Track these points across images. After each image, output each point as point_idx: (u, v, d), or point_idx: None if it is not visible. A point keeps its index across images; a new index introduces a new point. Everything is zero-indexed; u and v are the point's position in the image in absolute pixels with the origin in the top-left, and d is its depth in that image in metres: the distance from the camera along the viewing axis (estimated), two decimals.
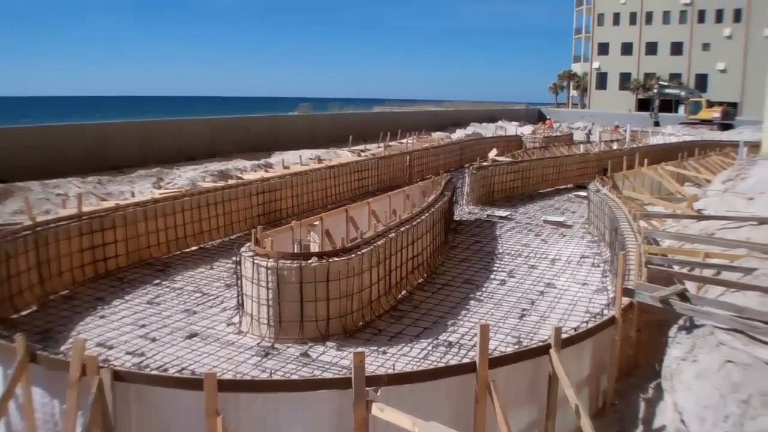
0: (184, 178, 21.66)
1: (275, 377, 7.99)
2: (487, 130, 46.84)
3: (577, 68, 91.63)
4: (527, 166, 24.09)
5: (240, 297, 10.15)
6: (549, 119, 59.09)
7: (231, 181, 17.26)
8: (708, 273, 9.77)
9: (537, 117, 70.94)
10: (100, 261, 12.57)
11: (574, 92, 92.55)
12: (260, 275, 9.60)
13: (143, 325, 10.04)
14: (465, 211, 19.93)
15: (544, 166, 24.99)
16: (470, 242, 15.89)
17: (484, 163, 22.78)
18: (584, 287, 12.32)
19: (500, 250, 15.18)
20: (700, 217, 13.81)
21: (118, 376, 6.10)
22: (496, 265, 13.94)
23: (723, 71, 77.63)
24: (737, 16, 76.35)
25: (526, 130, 47.34)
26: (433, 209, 13.68)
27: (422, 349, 9.26)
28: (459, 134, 41.88)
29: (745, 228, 12.39)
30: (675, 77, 79.01)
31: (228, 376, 7.74)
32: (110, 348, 9.11)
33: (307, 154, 27.20)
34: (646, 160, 21.37)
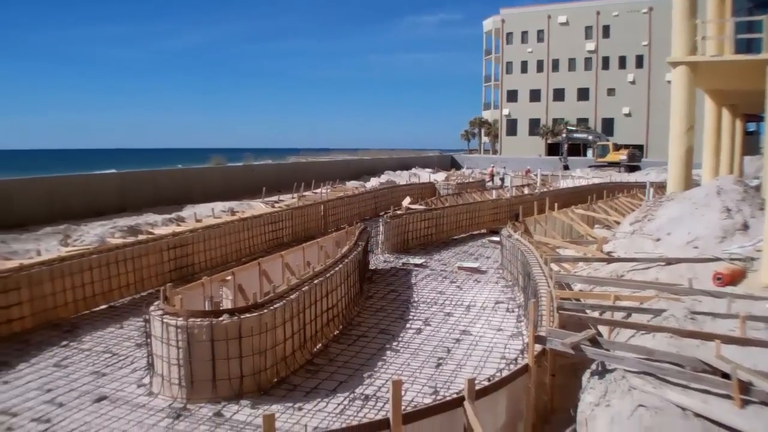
0: (92, 234, 21.02)
1: None
2: (401, 177, 47.26)
3: (488, 115, 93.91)
4: (441, 213, 24.27)
5: (150, 357, 9.81)
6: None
7: (141, 237, 16.83)
8: (618, 316, 9.95)
9: (450, 163, 72.08)
10: (3, 323, 11.99)
11: (485, 139, 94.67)
12: (170, 334, 9.31)
13: (49, 390, 9.57)
14: (380, 259, 19.91)
15: (458, 212, 25.21)
16: (385, 291, 15.85)
17: (398, 212, 22.88)
18: (499, 333, 12.40)
19: (416, 299, 15.18)
20: (609, 259, 14.14)
21: None
22: (411, 313, 13.92)
23: (628, 115, 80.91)
24: (639, 62, 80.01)
25: (440, 176, 47.95)
26: (347, 260, 13.60)
27: (338, 404, 9.11)
28: (373, 183, 42.07)
29: (653, 269, 12.75)
30: (582, 122, 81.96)
31: None
32: (14, 416, 8.63)
33: (219, 206, 26.83)
34: (556, 204, 21.81)
